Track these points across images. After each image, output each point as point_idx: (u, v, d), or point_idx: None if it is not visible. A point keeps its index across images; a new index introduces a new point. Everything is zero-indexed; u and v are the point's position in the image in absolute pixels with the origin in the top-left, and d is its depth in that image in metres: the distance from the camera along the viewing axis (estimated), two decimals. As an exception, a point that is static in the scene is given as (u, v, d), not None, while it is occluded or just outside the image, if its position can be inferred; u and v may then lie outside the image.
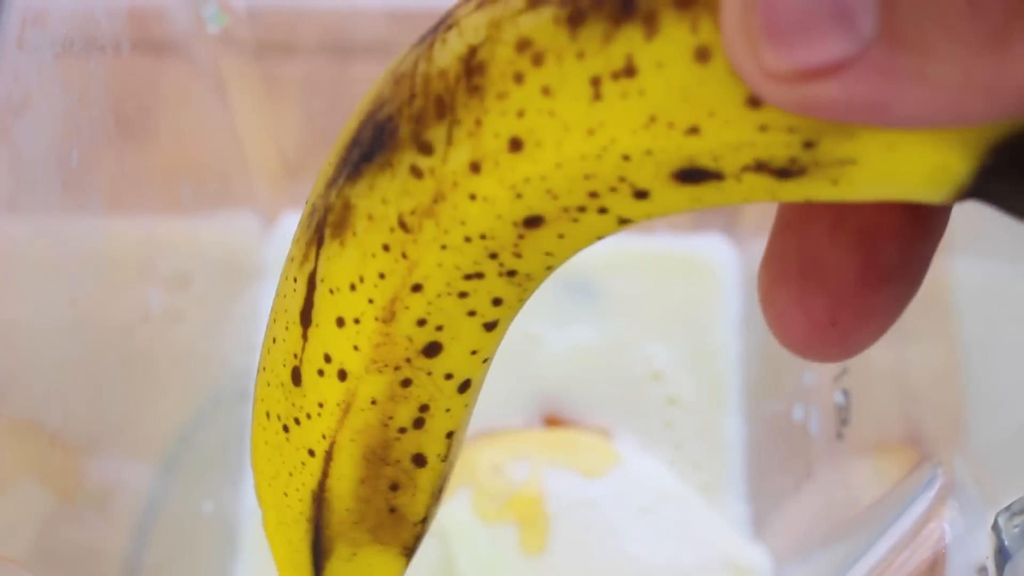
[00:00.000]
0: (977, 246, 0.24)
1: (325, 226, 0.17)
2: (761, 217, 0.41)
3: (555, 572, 0.37)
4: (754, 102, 0.13)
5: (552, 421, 0.41)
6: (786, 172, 0.14)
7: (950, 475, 0.26)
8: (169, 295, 0.37)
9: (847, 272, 0.16)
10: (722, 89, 0.13)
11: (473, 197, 0.15)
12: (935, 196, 0.14)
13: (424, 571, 0.20)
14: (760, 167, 0.14)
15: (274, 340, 0.18)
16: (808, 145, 0.13)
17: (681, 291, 0.43)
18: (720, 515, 0.40)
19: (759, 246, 0.45)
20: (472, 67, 0.15)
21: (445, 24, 0.15)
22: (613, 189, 0.15)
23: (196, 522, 0.39)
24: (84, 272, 0.31)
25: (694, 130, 0.14)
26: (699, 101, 0.13)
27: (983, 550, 0.23)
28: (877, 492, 0.30)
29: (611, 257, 0.43)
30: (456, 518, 0.37)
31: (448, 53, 0.15)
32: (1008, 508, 0.23)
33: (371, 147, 0.16)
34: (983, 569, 0.23)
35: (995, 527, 0.23)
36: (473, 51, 0.15)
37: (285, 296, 0.18)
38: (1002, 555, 0.23)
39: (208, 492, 0.39)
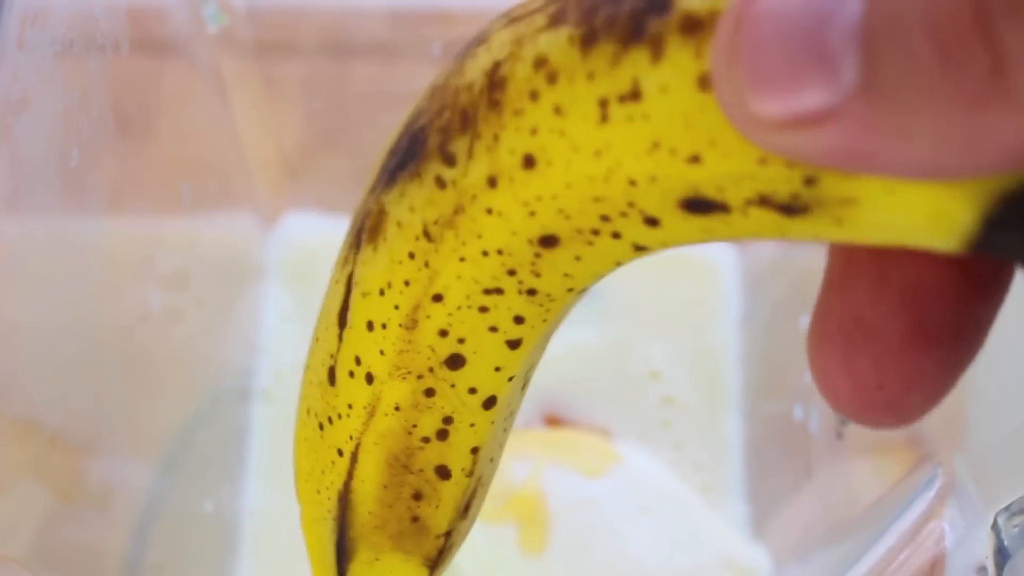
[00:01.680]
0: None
1: (364, 231, 0.17)
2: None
3: (555, 572, 0.37)
4: None
5: (552, 421, 0.41)
6: (790, 208, 0.14)
7: (950, 475, 0.26)
8: (169, 295, 0.37)
9: (891, 333, 0.15)
10: (723, 119, 0.13)
11: (489, 211, 0.15)
12: (943, 244, 0.13)
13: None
14: (764, 202, 0.14)
15: (317, 339, 0.19)
16: (809, 182, 0.13)
17: (681, 291, 0.43)
18: (720, 515, 0.40)
19: (759, 246, 0.45)
20: (494, 82, 0.15)
21: (480, 39, 0.16)
22: (623, 214, 0.15)
23: (196, 522, 0.39)
24: (84, 272, 0.31)
25: (696, 159, 0.14)
26: (700, 129, 0.14)
27: (983, 550, 0.23)
28: (877, 492, 0.30)
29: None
30: (456, 518, 0.37)
31: (476, 67, 0.15)
32: (1008, 508, 0.23)
33: (405, 156, 0.16)
34: (983, 569, 0.23)
35: (995, 527, 0.23)
36: (497, 66, 0.15)
37: (329, 296, 0.18)
38: (1002, 555, 0.23)
39: (208, 492, 0.39)
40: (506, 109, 0.15)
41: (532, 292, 0.16)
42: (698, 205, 0.14)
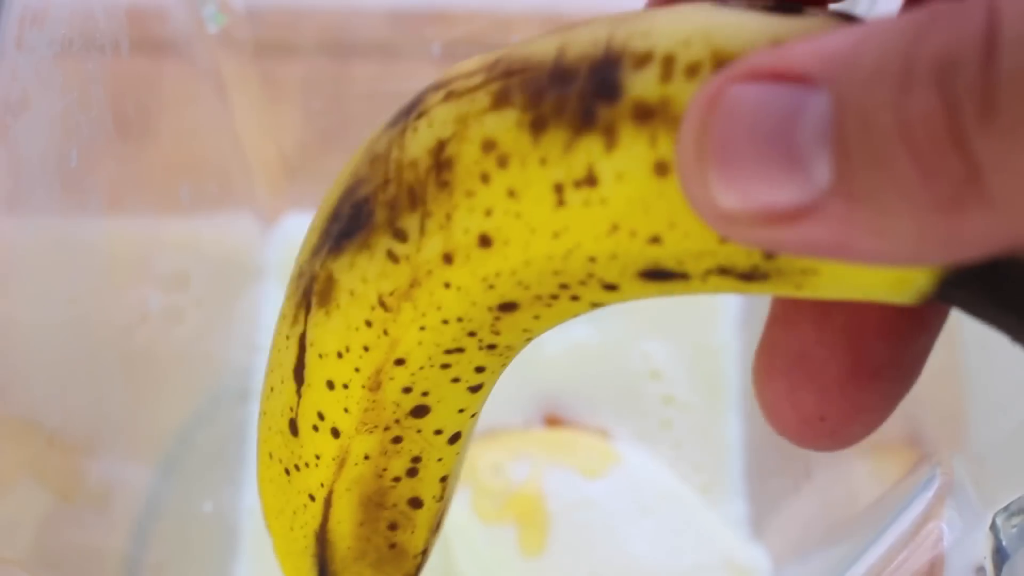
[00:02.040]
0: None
1: (312, 293, 0.17)
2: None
3: (555, 572, 0.37)
4: None
5: (552, 421, 0.41)
6: (750, 276, 0.14)
7: (949, 475, 0.26)
8: (169, 295, 0.37)
9: (834, 368, 0.16)
10: (682, 203, 0.13)
11: (447, 285, 0.16)
12: (898, 300, 0.14)
13: (424, 571, 0.21)
14: (724, 272, 0.14)
15: (272, 389, 0.19)
16: (769, 256, 0.14)
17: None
18: (719, 515, 0.40)
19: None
20: (441, 162, 0.15)
21: (416, 110, 0.16)
22: (583, 283, 0.15)
23: (196, 522, 0.39)
24: (84, 272, 0.31)
25: (656, 239, 0.14)
26: (659, 213, 0.14)
27: (981, 550, 0.23)
28: (876, 492, 0.30)
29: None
30: (456, 518, 0.37)
31: (418, 144, 0.15)
32: (1006, 508, 0.23)
33: (349, 225, 0.16)
34: (981, 569, 0.23)
35: (993, 527, 0.23)
36: (442, 145, 0.15)
37: (279, 351, 0.18)
38: (1000, 555, 0.23)
39: (208, 492, 0.39)
40: (456, 190, 0.15)
41: (492, 347, 0.17)
42: (657, 275, 0.14)
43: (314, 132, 0.44)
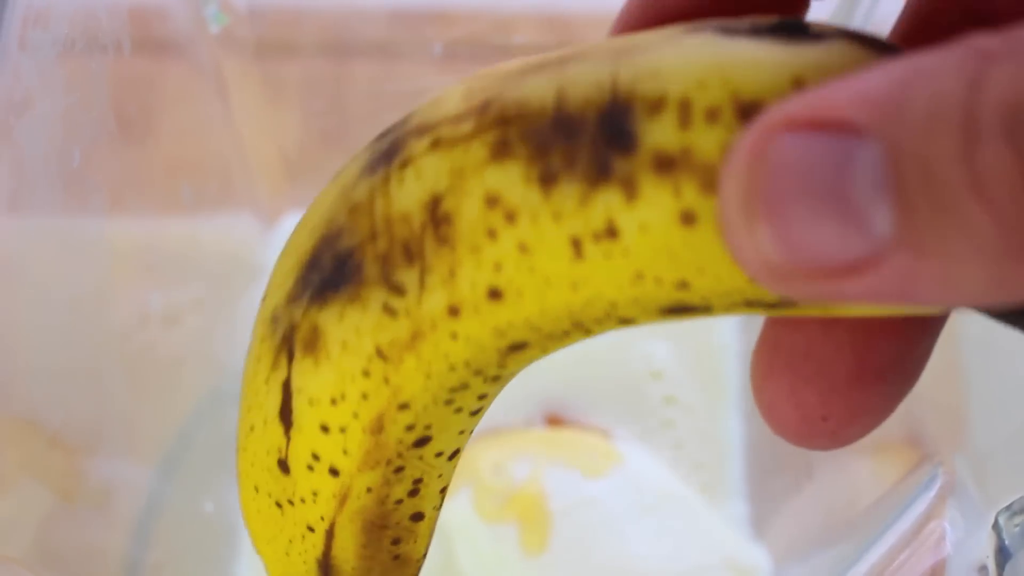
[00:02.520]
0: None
1: (295, 341, 0.17)
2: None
3: (555, 571, 0.37)
4: None
5: (553, 420, 0.41)
6: (776, 306, 0.14)
7: (950, 475, 0.26)
8: (169, 295, 0.37)
9: (839, 369, 0.16)
10: (711, 250, 0.13)
11: (455, 336, 0.15)
12: (931, 311, 0.13)
13: (424, 571, 0.21)
14: (750, 304, 0.14)
15: (252, 428, 0.18)
16: None
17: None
18: (720, 515, 0.40)
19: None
20: (439, 217, 0.14)
21: (399, 157, 0.15)
22: (599, 321, 0.15)
23: (196, 522, 0.39)
24: (84, 272, 0.31)
25: (683, 285, 0.14)
26: (687, 261, 0.13)
27: (983, 549, 0.23)
28: (877, 492, 0.30)
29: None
30: (457, 517, 0.37)
31: (408, 197, 0.15)
32: (1008, 507, 0.23)
33: (334, 277, 0.16)
34: (983, 568, 0.23)
35: (995, 526, 0.23)
36: (437, 200, 0.14)
37: (258, 393, 0.18)
38: (1002, 554, 0.23)
39: (208, 492, 0.39)
40: (460, 245, 0.14)
41: (497, 378, 0.16)
42: (680, 311, 0.14)
43: (314, 132, 0.44)
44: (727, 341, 0.43)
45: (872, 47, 0.14)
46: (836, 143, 0.11)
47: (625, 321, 0.15)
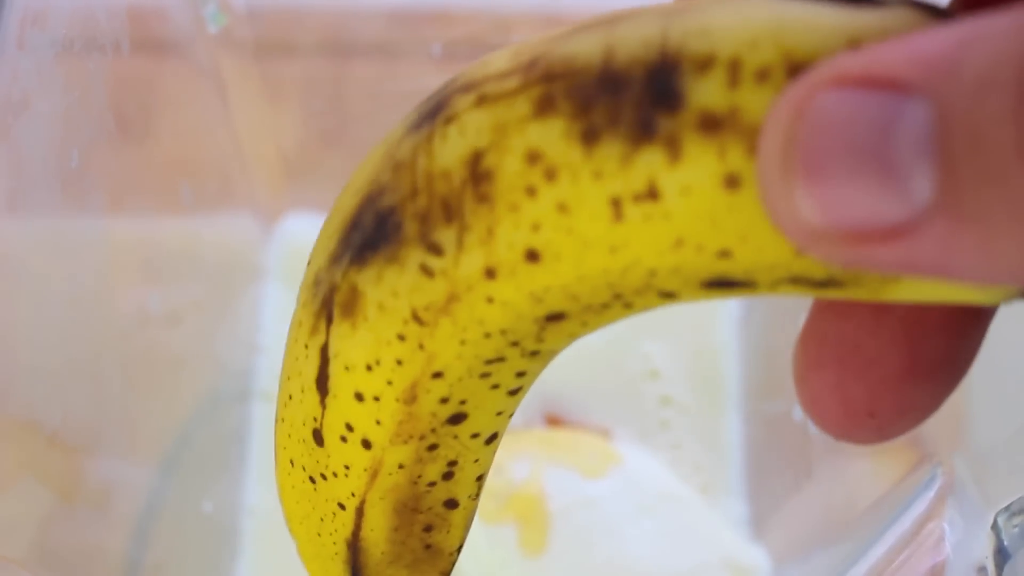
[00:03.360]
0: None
1: (333, 304, 0.16)
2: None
3: (555, 572, 0.37)
4: None
5: (552, 421, 0.41)
6: (824, 284, 0.13)
7: (950, 475, 0.26)
8: (169, 295, 0.37)
9: (890, 363, 0.15)
10: (755, 217, 0.13)
11: (491, 300, 0.15)
12: (988, 302, 0.13)
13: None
14: (796, 280, 0.13)
15: (290, 397, 0.18)
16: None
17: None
18: (720, 515, 0.40)
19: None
20: (479, 173, 0.14)
21: (443, 114, 0.15)
22: (639, 292, 0.14)
23: (196, 522, 0.39)
24: (84, 272, 0.31)
25: (725, 253, 0.13)
26: (730, 228, 0.13)
27: (983, 550, 0.23)
28: (877, 492, 0.30)
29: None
30: (456, 518, 0.37)
31: (450, 153, 0.15)
32: (1008, 508, 0.23)
33: (375, 236, 0.15)
34: (983, 569, 0.23)
35: (995, 527, 0.23)
36: (478, 156, 0.14)
37: (297, 359, 0.17)
38: (1002, 555, 0.23)
39: (208, 492, 0.39)
40: (499, 203, 0.14)
41: (535, 353, 0.16)
42: (723, 284, 0.14)
43: (314, 132, 0.44)
44: (726, 341, 0.43)
45: (933, 15, 0.13)
46: (884, 101, 0.11)
47: (666, 295, 0.14)
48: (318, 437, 0.18)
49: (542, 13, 0.42)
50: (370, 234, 0.16)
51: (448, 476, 0.18)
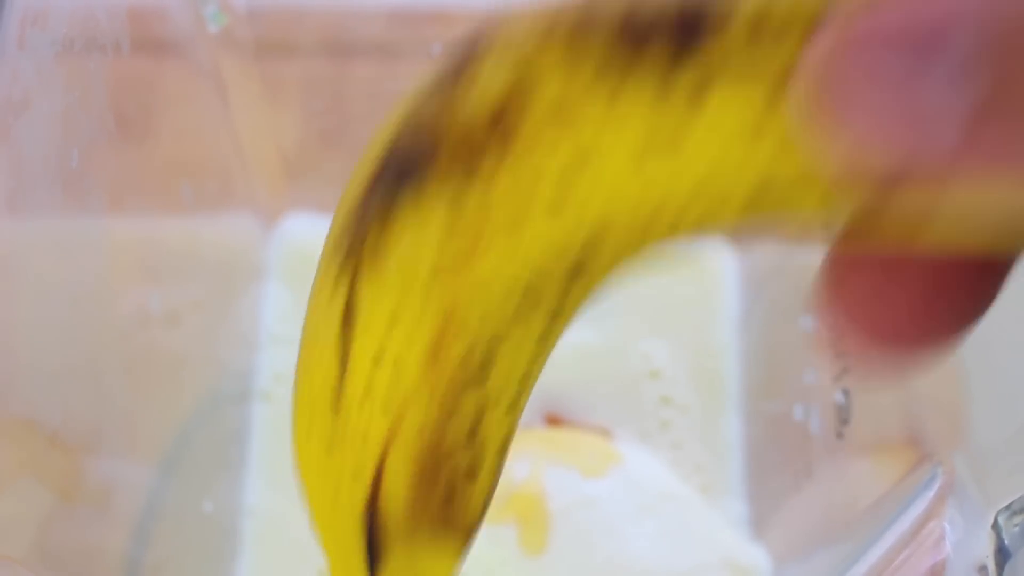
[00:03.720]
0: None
1: (360, 257, 0.16)
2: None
3: (555, 571, 0.37)
4: None
5: (552, 420, 0.41)
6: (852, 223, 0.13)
7: (950, 474, 0.26)
8: (169, 295, 0.37)
9: (934, 268, 0.14)
10: (780, 163, 0.13)
11: (517, 247, 0.15)
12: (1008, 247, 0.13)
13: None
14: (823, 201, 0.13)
15: (307, 362, 0.18)
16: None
17: (681, 291, 0.43)
18: (720, 515, 0.40)
19: (759, 246, 0.45)
20: (504, 121, 0.14)
21: (468, 63, 0.15)
22: (674, 225, 0.14)
23: (196, 522, 0.39)
24: (84, 272, 0.31)
25: (751, 203, 0.13)
26: (755, 174, 0.13)
27: (983, 549, 0.23)
28: (877, 492, 0.30)
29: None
30: (456, 518, 0.37)
31: (475, 100, 0.15)
32: (1008, 507, 0.23)
33: (398, 187, 0.15)
34: (983, 568, 0.23)
35: (995, 526, 0.23)
36: (503, 104, 0.14)
37: (317, 324, 0.17)
38: (1002, 554, 0.23)
39: (208, 492, 0.39)
40: (525, 148, 0.14)
41: (557, 314, 0.16)
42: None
43: (314, 132, 0.44)
44: (726, 341, 0.43)
45: None
46: (918, 36, 0.11)
47: (703, 224, 0.14)
48: (336, 403, 0.17)
49: (542, 13, 0.42)
50: (393, 184, 0.15)
51: (469, 443, 0.18)
